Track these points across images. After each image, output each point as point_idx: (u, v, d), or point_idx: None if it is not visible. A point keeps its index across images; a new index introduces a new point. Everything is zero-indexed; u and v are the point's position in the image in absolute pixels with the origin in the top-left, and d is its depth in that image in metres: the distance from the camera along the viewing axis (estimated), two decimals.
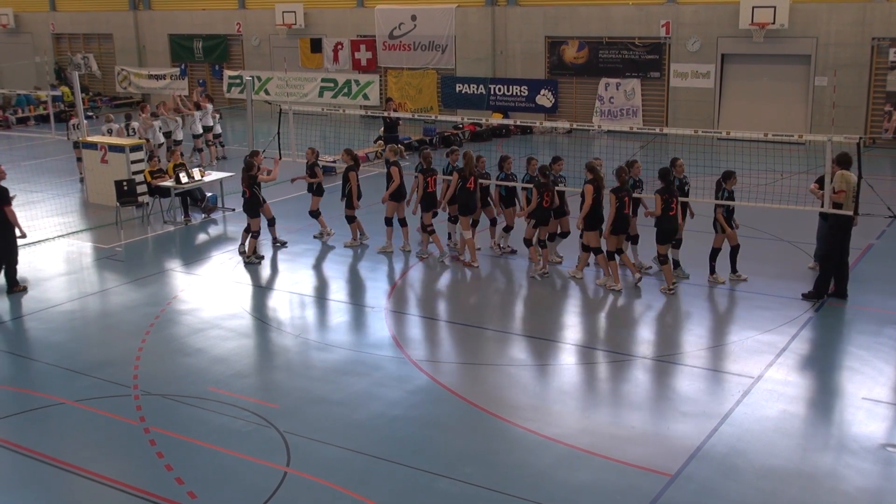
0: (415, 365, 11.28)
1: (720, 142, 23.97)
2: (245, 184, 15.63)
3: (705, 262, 14.18)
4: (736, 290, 13.83)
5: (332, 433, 9.54)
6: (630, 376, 10.95)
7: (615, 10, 29.10)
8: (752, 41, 27.02)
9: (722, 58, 27.88)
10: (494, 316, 13.25)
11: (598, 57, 29.68)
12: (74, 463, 9.04)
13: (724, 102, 28.19)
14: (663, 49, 28.63)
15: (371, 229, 16.90)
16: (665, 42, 28.54)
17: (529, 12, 30.63)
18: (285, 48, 35.36)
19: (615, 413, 9.95)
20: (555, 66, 30.57)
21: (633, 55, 29.04)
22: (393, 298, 13.89)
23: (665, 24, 28.32)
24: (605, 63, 29.58)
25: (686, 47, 28.19)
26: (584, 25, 29.70)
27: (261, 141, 20.95)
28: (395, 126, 22.96)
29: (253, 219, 15.68)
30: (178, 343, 12.24)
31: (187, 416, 10.03)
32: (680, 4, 28.15)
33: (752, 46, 27.13)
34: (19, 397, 10.59)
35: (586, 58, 29.88)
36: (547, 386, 10.75)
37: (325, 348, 12.02)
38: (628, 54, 29.11)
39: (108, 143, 19.99)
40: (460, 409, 10.16)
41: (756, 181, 18.20)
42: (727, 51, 27.76)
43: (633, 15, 28.80)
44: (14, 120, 34.14)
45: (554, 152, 23.45)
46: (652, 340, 12.13)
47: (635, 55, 29.01)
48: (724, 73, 28.03)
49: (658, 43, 28.62)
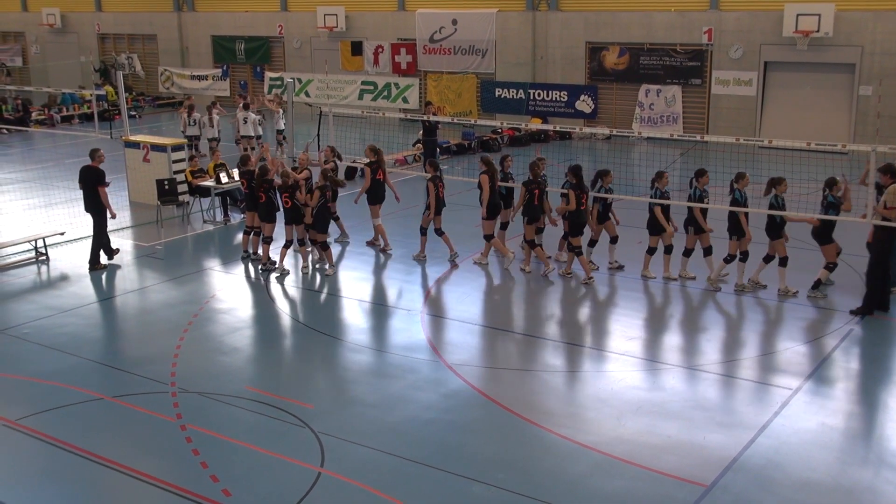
0: (450, 368, 11.28)
1: (761, 150, 23.70)
2: (260, 188, 15.30)
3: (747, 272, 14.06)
4: (777, 299, 13.66)
5: (367, 435, 9.56)
6: (666, 384, 10.86)
7: (657, 17, 28.93)
8: (795, 49, 26.72)
9: (765, 65, 27.60)
10: (530, 321, 13.22)
11: (638, 63, 29.52)
12: (111, 458, 9.15)
13: (766, 111, 27.91)
14: (705, 56, 28.40)
15: (403, 234, 16.92)
16: (707, 49, 28.31)
17: (570, 17, 30.55)
18: (326, 50, 35.56)
19: (651, 421, 9.87)
20: (595, 71, 30.45)
21: (674, 62, 28.85)
22: (429, 302, 13.91)
23: (707, 30, 28.10)
24: (646, 69, 29.42)
25: (728, 54, 27.95)
26: (625, 31, 29.56)
27: (300, 142, 21.07)
28: (434, 130, 22.94)
29: (269, 224, 15.38)
30: (216, 341, 12.34)
31: (223, 415, 10.11)
32: (723, 11, 27.92)
33: (796, 54, 26.82)
34: (58, 392, 10.74)
35: (627, 64, 29.73)
36: (582, 392, 10.69)
37: (361, 350, 12.06)
38: (669, 61, 28.92)
39: (151, 143, 20.24)
40: (494, 413, 10.13)
41: (798, 191, 17.98)
42: (770, 58, 27.48)
43: (675, 21, 28.62)
44: (59, 118, 34.63)
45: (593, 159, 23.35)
46: (689, 349, 12.01)
47: (677, 62, 28.81)
48: (767, 80, 27.74)
49: (700, 50, 28.41)
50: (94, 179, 15.39)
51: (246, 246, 15.99)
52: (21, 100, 34.06)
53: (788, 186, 13.74)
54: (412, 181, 21.94)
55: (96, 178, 15.39)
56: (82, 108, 35.67)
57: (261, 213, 15.42)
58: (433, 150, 23.06)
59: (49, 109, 34.96)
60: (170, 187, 19.11)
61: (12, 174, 24.46)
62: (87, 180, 15.44)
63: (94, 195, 15.42)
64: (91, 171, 15.46)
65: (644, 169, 19.58)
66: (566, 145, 28.97)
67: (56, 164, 25.59)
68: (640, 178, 14.45)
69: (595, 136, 29.46)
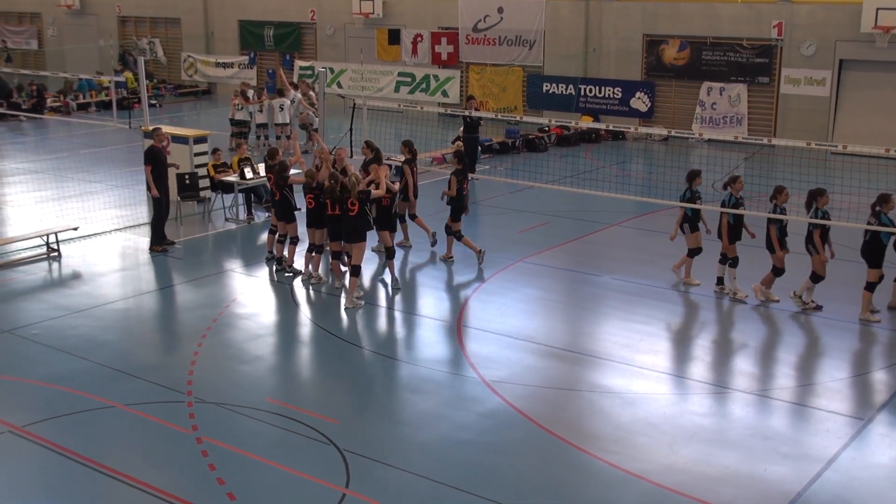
0: (487, 385, 11.25)
1: (834, 156, 23.46)
2: (276, 185, 15.29)
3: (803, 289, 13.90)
4: (850, 322, 13.48)
5: (396, 454, 9.56)
6: (724, 410, 10.75)
7: (722, 8, 28.73)
8: (874, 46, 26.39)
9: (840, 63, 27.28)
10: (576, 336, 13.15)
11: (700, 58, 29.32)
12: (122, 470, 9.22)
13: (840, 113, 27.58)
14: (774, 52, 28.15)
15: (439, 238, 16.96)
16: (776, 44, 28.06)
17: (627, 8, 30.44)
18: (361, 39, 35.73)
19: (706, 450, 9.77)
20: (652, 66, 30.31)
21: (739, 58, 28.62)
22: (466, 312, 13.89)
23: (777, 24, 27.83)
24: (709, 65, 29.21)
25: (800, 51, 27.68)
26: (686, 24, 29.39)
27: (331, 137, 21.16)
28: (476, 126, 22.99)
29: (289, 224, 15.40)
30: (236, 349, 12.42)
31: (242, 428, 10.16)
32: (794, 4, 27.66)
33: (875, 52, 26.49)
34: (67, 398, 10.86)
35: (688, 59, 29.55)
36: (631, 416, 10.60)
37: (392, 362, 12.07)
38: (735, 57, 28.70)
39: (172, 134, 20.40)
40: (535, 435, 10.09)
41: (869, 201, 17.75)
42: (846, 56, 27.17)
43: (742, 14, 28.40)
44: (75, 106, 35.08)
45: (648, 160, 23.23)
46: (749, 372, 11.89)
47: (742, 58, 28.58)
48: (842, 80, 27.42)
49: (768, 45, 28.16)
50: (145, 158, 16.77)
51: (271, 247, 16.08)
52: (36, 85, 34.53)
53: (863, 196, 13.53)
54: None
55: (145, 156, 16.75)
56: (100, 95, 36.13)
57: (277, 212, 15.56)
58: (474, 149, 23.10)
59: (65, 96, 35.43)
60: (191, 182, 19.27)
61: (25, 164, 24.82)
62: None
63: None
64: (146, 151, 16.87)
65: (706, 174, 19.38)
66: (619, 146, 28.85)
67: (71, 154, 25.94)
68: (701, 184, 14.39)
69: (651, 136, 29.31)
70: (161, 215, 16.83)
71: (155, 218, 16.86)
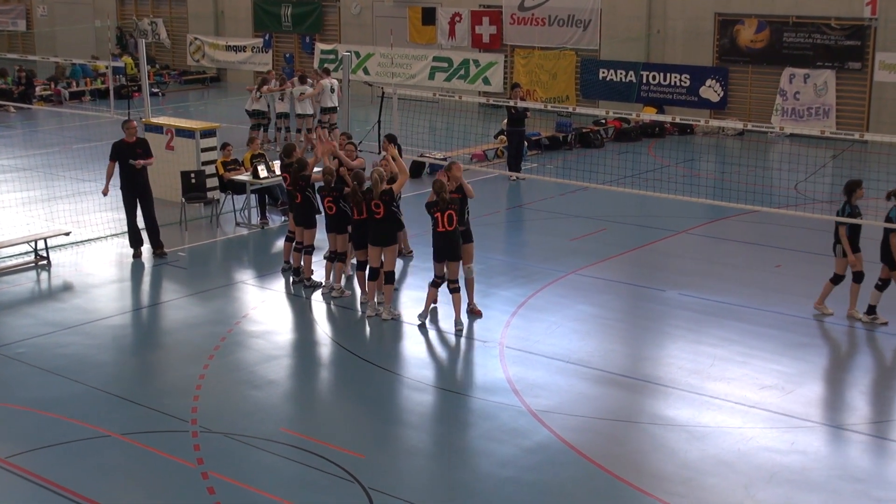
0: (534, 416, 11.24)
1: None
2: (295, 186, 15.29)
3: None
4: None
5: (428, 493, 9.58)
6: (808, 447, 10.67)
7: None
8: None
9: None
10: (635, 360, 13.12)
11: (781, 41, 29.14)
12: None
13: None
14: (867, 34, 27.92)
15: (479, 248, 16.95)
16: (870, 25, 27.82)
17: None
18: (391, 18, 35.84)
19: (787, 493, 9.70)
20: (726, 50, 30.17)
21: (827, 40, 28.41)
22: (510, 331, 13.88)
23: (871, 1, 27.59)
24: (791, 49, 29.02)
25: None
26: (765, 1, 29.24)
27: (356, 131, 21.23)
28: (523, 119, 22.96)
29: (308, 230, 15.44)
30: (247, 372, 12.48)
31: (253, 462, 10.21)
32: None
33: None
34: (56, 425, 10.96)
35: (767, 41, 29.38)
36: (701, 452, 10.56)
37: (423, 389, 12.09)
38: (821, 39, 28.50)
39: (177, 127, 20.56)
40: (588, 474, 10.07)
41: None
42: None
43: None
44: (67, 95, 35.42)
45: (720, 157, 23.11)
46: (837, 402, 11.81)
47: (830, 40, 28.37)
48: None
49: (861, 25, 27.93)
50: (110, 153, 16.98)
51: (287, 256, 16.14)
52: (25, 71, 34.86)
53: None
54: (492, 181, 21.97)
55: (111, 151, 16.98)
56: (95, 82, 36.48)
57: (296, 217, 15.56)
58: (520, 144, 23.10)
59: (56, 84, 35.78)
60: (197, 181, 19.37)
61: (10, 160, 25.14)
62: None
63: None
64: (112, 145, 17.02)
65: (786, 174, 19.26)
66: (686, 141, 28.75)
67: (62, 149, 26.20)
68: (779, 185, 14.26)
69: (724, 130, 29.18)
70: (133, 214, 16.86)
71: (129, 220, 16.90)
